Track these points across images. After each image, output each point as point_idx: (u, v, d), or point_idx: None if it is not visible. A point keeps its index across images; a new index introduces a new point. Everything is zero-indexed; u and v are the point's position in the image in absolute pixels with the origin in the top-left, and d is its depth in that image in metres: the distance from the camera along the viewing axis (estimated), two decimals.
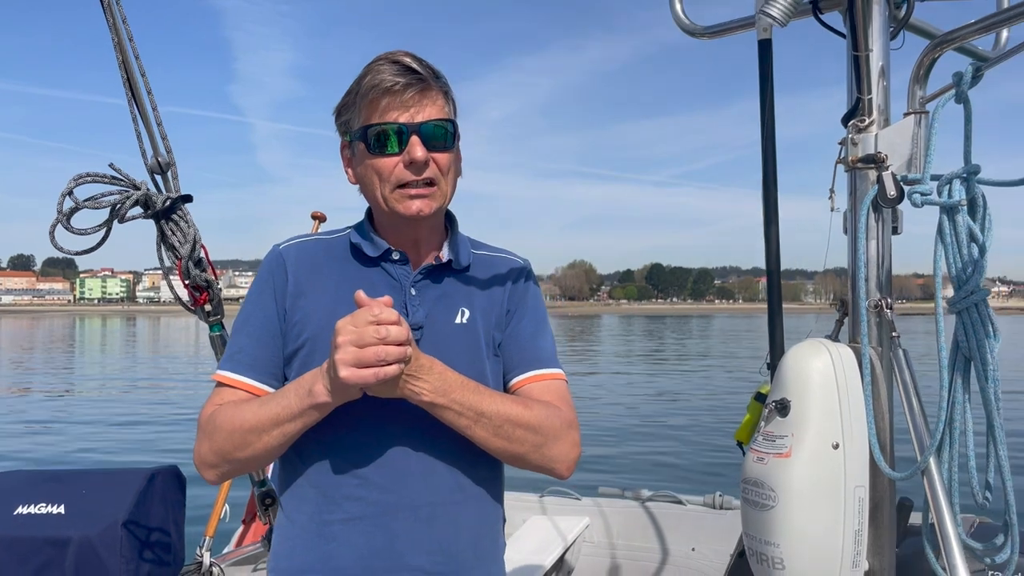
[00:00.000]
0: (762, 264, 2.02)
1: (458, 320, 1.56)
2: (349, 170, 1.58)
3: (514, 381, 1.58)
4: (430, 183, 1.49)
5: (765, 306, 2.02)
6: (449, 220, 1.64)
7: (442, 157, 1.50)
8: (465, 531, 1.52)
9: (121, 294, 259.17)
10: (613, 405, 17.37)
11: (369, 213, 1.62)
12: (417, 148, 1.46)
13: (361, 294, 1.35)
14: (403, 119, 1.46)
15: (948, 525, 1.43)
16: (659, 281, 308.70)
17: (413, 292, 1.54)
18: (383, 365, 1.30)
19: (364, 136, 1.48)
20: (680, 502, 3.84)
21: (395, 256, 1.55)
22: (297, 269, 1.55)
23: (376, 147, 1.48)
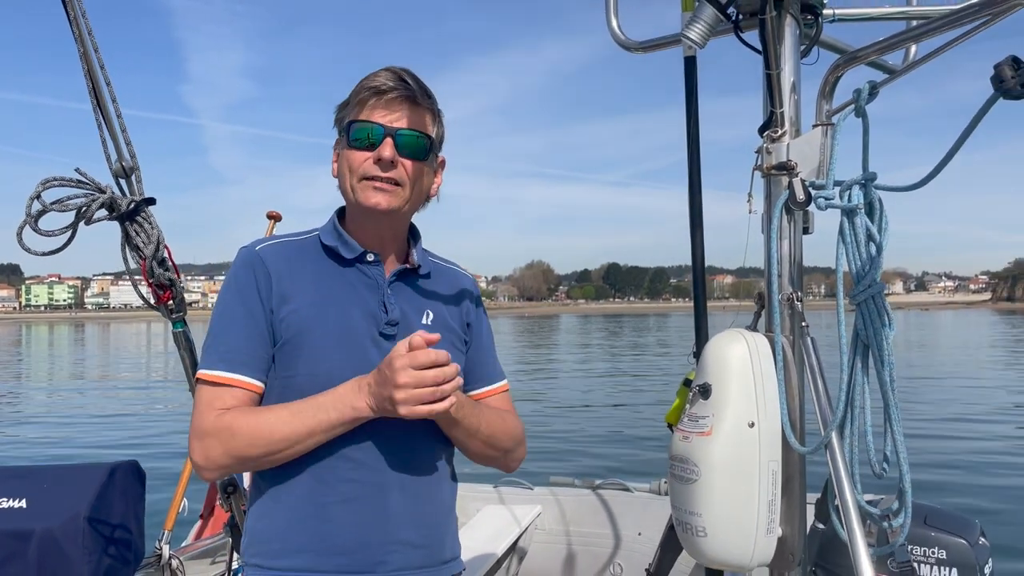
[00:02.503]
0: (717, 263, 2.23)
1: (424, 321, 1.73)
2: (335, 164, 1.71)
3: (479, 392, 1.82)
4: (395, 183, 1.65)
5: (720, 304, 2.21)
6: (412, 231, 1.80)
7: (411, 164, 1.66)
8: (442, 506, 1.72)
9: (69, 300, 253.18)
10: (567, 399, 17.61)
11: (339, 213, 1.76)
12: (387, 148, 1.62)
13: (420, 337, 1.49)
14: (383, 121, 1.63)
15: (847, 492, 1.60)
16: (616, 280, 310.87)
17: (389, 291, 1.69)
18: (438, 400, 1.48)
19: (348, 129, 1.64)
20: (627, 489, 4.02)
21: (370, 258, 1.70)
22: (277, 269, 1.65)
23: (354, 141, 1.64)
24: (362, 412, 1.52)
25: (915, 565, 2.35)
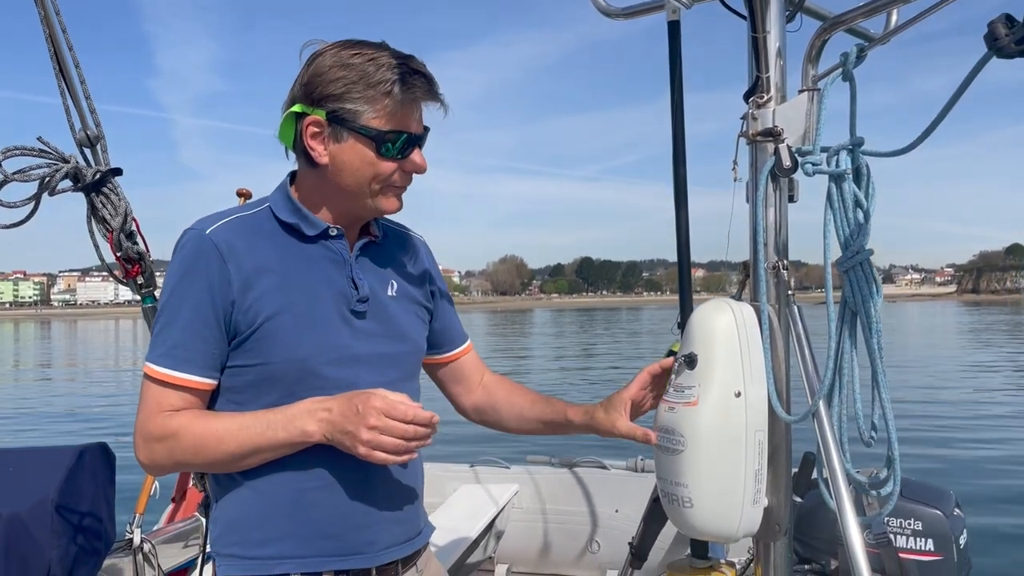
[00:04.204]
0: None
1: (389, 292, 1.68)
2: (320, 148, 1.56)
3: (452, 353, 1.89)
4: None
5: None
6: None
7: None
8: (417, 481, 1.72)
9: (34, 297, 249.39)
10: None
11: (290, 181, 1.66)
12: (422, 159, 1.60)
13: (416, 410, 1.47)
14: (415, 130, 1.58)
15: (835, 460, 1.58)
16: (589, 275, 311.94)
17: (356, 266, 1.63)
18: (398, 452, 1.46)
19: (378, 136, 1.53)
20: (604, 467, 4.02)
21: (332, 232, 1.62)
22: (235, 253, 1.53)
23: (392, 152, 1.55)
24: (312, 438, 1.48)
25: (891, 536, 2.35)
